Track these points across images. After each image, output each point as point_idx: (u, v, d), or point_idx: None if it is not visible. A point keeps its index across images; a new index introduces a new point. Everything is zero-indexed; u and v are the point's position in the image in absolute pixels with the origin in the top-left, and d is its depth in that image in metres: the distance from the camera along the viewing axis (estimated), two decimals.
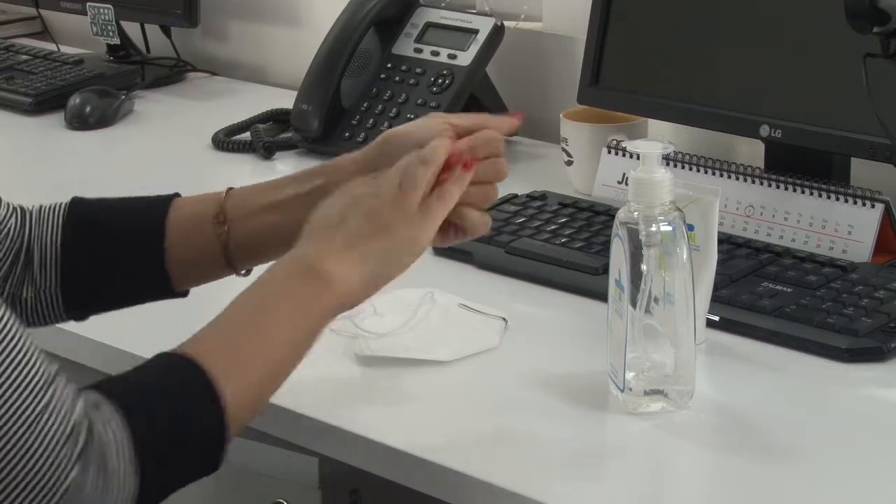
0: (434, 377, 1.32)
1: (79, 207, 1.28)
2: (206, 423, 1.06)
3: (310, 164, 1.98)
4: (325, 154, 1.99)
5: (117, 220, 1.28)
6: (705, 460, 1.21)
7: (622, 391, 1.24)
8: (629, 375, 1.23)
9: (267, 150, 2.00)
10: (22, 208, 1.27)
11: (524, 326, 1.41)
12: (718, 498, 1.16)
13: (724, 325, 1.40)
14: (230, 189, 1.29)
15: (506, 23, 2.00)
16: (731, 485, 1.16)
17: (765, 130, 1.62)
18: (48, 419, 0.98)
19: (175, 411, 1.04)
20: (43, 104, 2.25)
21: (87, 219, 1.27)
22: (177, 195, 1.29)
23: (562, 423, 1.24)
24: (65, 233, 1.26)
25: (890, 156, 1.51)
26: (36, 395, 0.98)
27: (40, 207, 1.28)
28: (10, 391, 0.97)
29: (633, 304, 1.22)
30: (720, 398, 1.28)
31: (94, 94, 2.20)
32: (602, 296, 1.28)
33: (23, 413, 0.97)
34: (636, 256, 1.21)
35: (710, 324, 1.38)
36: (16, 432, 0.97)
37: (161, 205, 1.28)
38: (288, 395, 1.29)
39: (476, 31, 1.97)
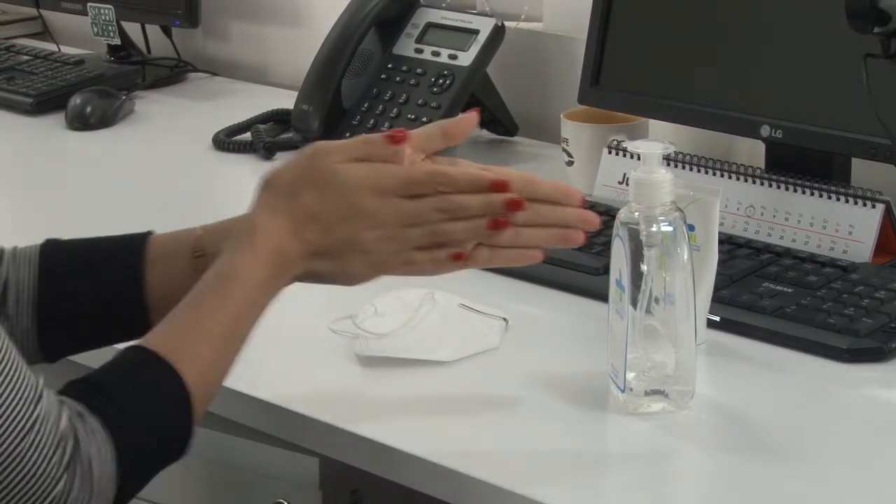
0: (434, 377, 1.32)
1: (52, 249, 1.27)
2: (179, 419, 1.09)
3: None
4: None
5: (93, 261, 1.26)
6: (706, 461, 1.21)
7: (623, 391, 1.24)
8: (630, 376, 1.23)
9: (268, 151, 2.00)
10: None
11: (524, 327, 1.41)
12: (719, 498, 1.16)
13: (725, 326, 1.40)
14: (204, 226, 1.28)
15: (506, 23, 2.00)
16: (731, 485, 1.16)
17: (765, 131, 1.62)
18: (38, 432, 1.01)
19: (150, 413, 1.09)
20: (43, 104, 2.25)
21: (61, 260, 1.26)
22: (150, 233, 1.28)
23: (562, 424, 1.24)
24: (40, 275, 1.24)
25: (890, 156, 1.51)
26: (27, 409, 1.01)
27: (14, 249, 1.26)
28: (2, 405, 1.00)
29: (634, 304, 1.22)
30: (721, 398, 1.28)
31: (94, 95, 2.20)
32: (603, 296, 1.28)
33: (14, 426, 1.01)
34: (637, 257, 1.21)
35: (711, 324, 1.38)
36: (7, 445, 1.00)
37: (137, 244, 1.26)
38: (288, 396, 1.29)
39: (477, 32, 1.97)
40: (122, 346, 1.16)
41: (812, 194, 1.57)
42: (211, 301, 1.14)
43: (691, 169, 1.66)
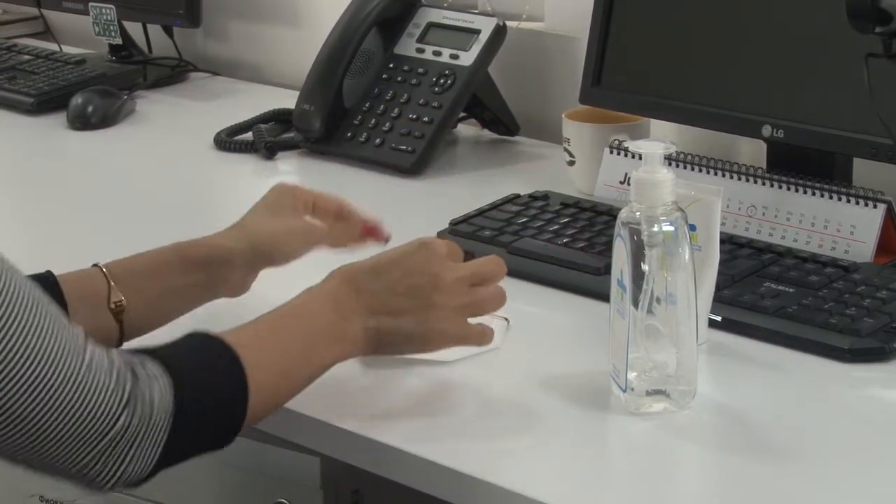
0: (435, 377, 1.32)
1: None
2: (234, 395, 1.13)
3: (311, 163, 1.99)
4: (326, 154, 1.99)
5: None
6: (707, 460, 1.21)
7: (624, 391, 1.24)
8: (631, 375, 1.23)
9: (269, 151, 2.00)
10: None
11: (526, 326, 1.41)
12: (720, 498, 1.16)
13: (726, 326, 1.40)
14: (107, 267, 1.31)
15: (508, 23, 2.00)
16: (732, 485, 1.16)
17: (767, 130, 1.62)
18: (94, 374, 1.06)
19: (209, 382, 1.12)
20: (45, 104, 2.25)
21: None
22: (50, 272, 1.28)
23: (563, 423, 1.24)
24: None
25: (892, 156, 1.51)
26: (77, 354, 1.05)
27: None
28: (56, 355, 1.04)
29: (635, 304, 1.22)
30: (722, 398, 1.28)
31: (96, 95, 2.20)
32: (604, 296, 1.28)
33: (70, 373, 1.04)
34: (638, 256, 1.21)
35: (712, 324, 1.38)
36: (65, 393, 1.04)
37: (50, 286, 1.26)
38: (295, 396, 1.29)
39: (478, 31, 1.97)
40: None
41: (813, 194, 1.57)
42: (268, 321, 1.20)
43: (693, 169, 1.66)
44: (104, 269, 1.31)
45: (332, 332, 1.21)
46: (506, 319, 1.39)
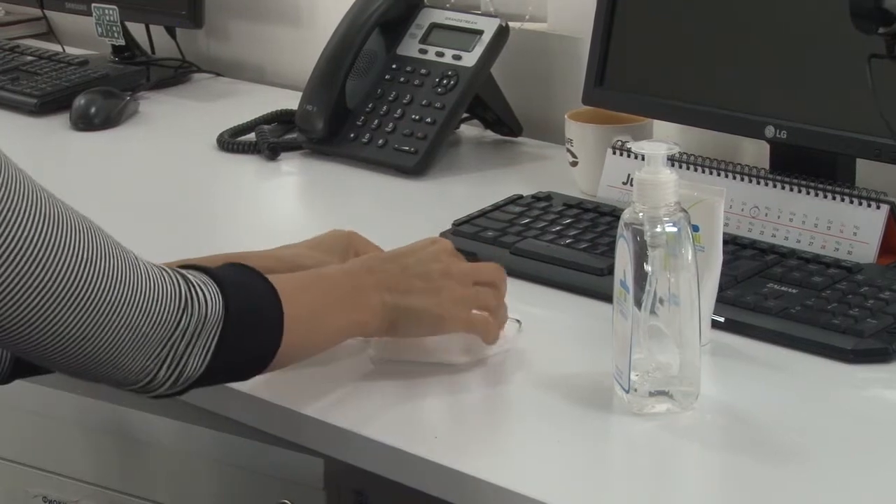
0: (440, 378, 1.32)
1: None
2: (272, 321, 1.18)
3: (314, 164, 1.99)
4: (329, 155, 1.99)
5: None
6: (710, 461, 1.21)
7: (627, 392, 1.24)
8: (634, 376, 1.23)
9: (272, 151, 2.00)
10: None
11: (529, 327, 1.41)
12: (724, 499, 1.16)
13: (730, 327, 1.39)
14: None
15: (510, 23, 2.00)
16: (736, 486, 1.16)
17: (770, 131, 1.62)
18: (153, 283, 1.11)
19: (252, 297, 1.17)
20: (48, 105, 2.25)
21: None
22: None
23: (566, 424, 1.24)
24: None
25: (895, 157, 1.51)
26: (136, 269, 1.11)
27: None
28: (119, 271, 1.09)
29: (638, 305, 1.22)
30: (725, 399, 1.28)
31: (99, 95, 2.20)
32: (607, 297, 1.28)
33: (133, 285, 1.10)
34: (641, 257, 1.21)
35: (716, 325, 1.38)
36: (132, 303, 1.09)
37: None
38: (292, 396, 1.29)
39: (481, 32, 1.97)
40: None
41: (817, 195, 1.57)
42: (300, 281, 1.24)
43: (696, 169, 1.66)
44: None
45: (351, 299, 1.25)
46: (517, 321, 1.39)
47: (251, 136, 2.07)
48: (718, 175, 1.65)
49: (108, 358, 1.10)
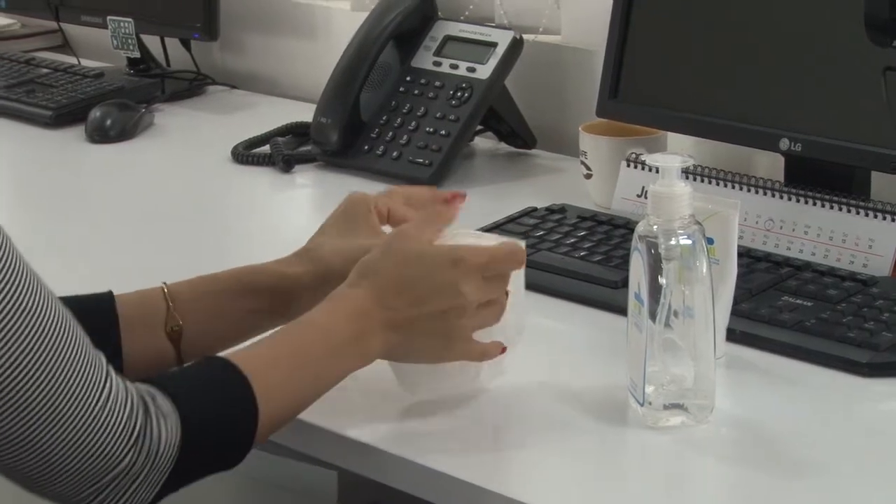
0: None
1: None
2: (242, 429, 1.15)
3: (329, 177, 1.99)
4: (344, 167, 2.00)
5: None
6: (725, 475, 1.21)
7: (642, 405, 1.23)
8: (649, 389, 1.23)
9: (286, 164, 2.01)
10: None
11: (543, 340, 1.41)
12: None
13: (744, 339, 1.39)
14: (168, 289, 1.30)
15: (525, 36, 2.00)
16: (750, 499, 1.16)
17: (784, 144, 1.62)
18: (108, 412, 1.07)
19: (220, 419, 1.14)
20: (63, 117, 2.26)
21: None
22: (110, 292, 1.29)
23: (581, 437, 1.24)
24: None
25: None
26: (97, 389, 1.06)
27: None
28: (75, 388, 1.05)
29: (653, 317, 1.21)
30: (740, 412, 1.28)
31: (114, 108, 2.20)
32: (621, 309, 1.28)
33: (85, 408, 1.06)
34: (655, 270, 1.21)
35: (730, 337, 1.37)
36: (78, 427, 1.05)
37: (104, 307, 1.27)
38: (307, 408, 1.29)
39: (495, 45, 1.97)
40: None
41: (831, 208, 1.57)
42: (290, 338, 1.21)
43: (710, 182, 1.66)
44: (166, 290, 1.29)
45: (352, 347, 1.21)
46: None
47: (266, 149, 2.07)
48: (733, 188, 1.64)
49: (45, 471, 1.07)
